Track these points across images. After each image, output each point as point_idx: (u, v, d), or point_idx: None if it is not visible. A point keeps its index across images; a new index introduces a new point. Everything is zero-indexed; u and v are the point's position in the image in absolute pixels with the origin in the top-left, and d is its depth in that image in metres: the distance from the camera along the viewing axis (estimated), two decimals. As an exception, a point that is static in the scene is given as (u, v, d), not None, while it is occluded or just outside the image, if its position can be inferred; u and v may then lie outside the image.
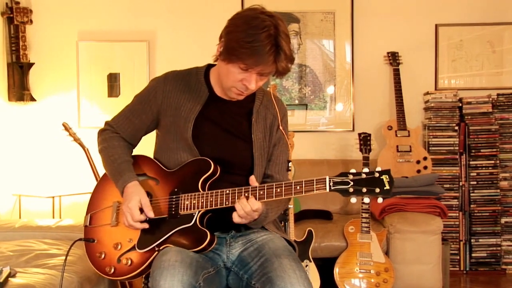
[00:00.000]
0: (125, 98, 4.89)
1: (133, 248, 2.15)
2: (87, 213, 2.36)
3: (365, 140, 4.22)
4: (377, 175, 1.89)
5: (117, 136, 2.32)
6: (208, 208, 2.06)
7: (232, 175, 2.17)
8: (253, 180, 2.04)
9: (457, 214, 4.73)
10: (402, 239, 4.04)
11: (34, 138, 4.82)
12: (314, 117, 5.03)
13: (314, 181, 1.91)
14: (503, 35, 4.96)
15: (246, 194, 2.00)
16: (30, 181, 4.65)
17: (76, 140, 4.18)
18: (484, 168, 4.73)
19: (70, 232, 3.51)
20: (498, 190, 4.72)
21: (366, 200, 1.92)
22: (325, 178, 1.90)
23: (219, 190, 2.05)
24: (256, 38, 1.97)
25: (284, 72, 2.07)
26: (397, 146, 4.59)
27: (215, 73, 2.24)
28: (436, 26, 4.98)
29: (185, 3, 5.00)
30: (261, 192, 1.98)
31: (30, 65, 4.77)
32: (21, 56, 4.68)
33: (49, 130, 4.78)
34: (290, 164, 2.32)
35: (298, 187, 1.94)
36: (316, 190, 1.91)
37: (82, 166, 4.29)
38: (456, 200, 4.73)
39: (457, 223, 4.73)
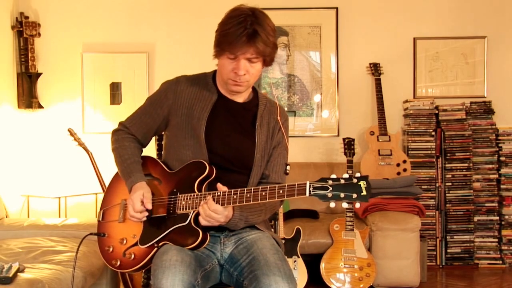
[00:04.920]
0: (127, 105, 4.89)
1: (136, 244, 2.16)
2: (100, 209, 2.37)
3: (349, 145, 4.23)
4: (355, 181, 1.82)
5: (129, 136, 2.31)
6: None
7: (234, 173, 2.17)
8: (220, 186, 2.02)
9: (434, 213, 4.74)
10: (384, 236, 4.06)
11: (42, 143, 4.81)
12: (301, 123, 5.03)
13: (296, 186, 1.89)
14: (475, 48, 4.99)
15: (228, 198, 1.99)
16: (38, 183, 4.62)
17: (81, 144, 4.17)
18: (458, 171, 4.75)
19: (75, 230, 3.50)
20: (471, 191, 4.74)
21: (345, 205, 1.87)
22: (306, 183, 1.87)
23: (211, 192, 2.03)
24: (231, 25, 2.02)
25: (265, 55, 2.07)
26: (379, 150, 4.60)
27: (218, 75, 2.25)
28: (414, 39, 5.01)
29: (182, 17, 5.00)
30: (248, 195, 1.96)
31: (38, 75, 4.75)
32: (29, 67, 4.67)
33: (55, 135, 4.77)
34: (288, 167, 2.31)
35: (281, 191, 1.91)
36: (297, 194, 1.88)
37: (86, 168, 4.28)
38: (433, 200, 4.74)
39: (433, 221, 4.74)
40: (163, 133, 2.39)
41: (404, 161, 4.56)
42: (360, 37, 5.03)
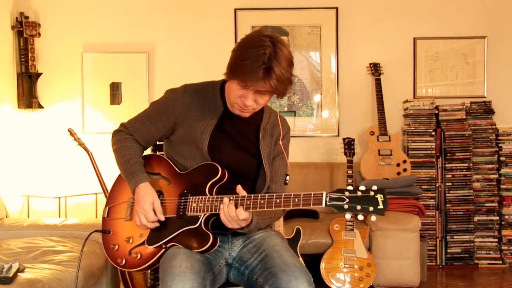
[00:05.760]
0: (127, 105, 4.89)
1: (143, 243, 2.14)
2: (106, 205, 2.34)
3: (349, 145, 4.24)
4: (372, 193, 1.83)
5: (130, 137, 2.28)
6: (213, 212, 2.04)
7: (238, 184, 2.13)
8: (240, 189, 2.02)
9: (434, 213, 4.74)
10: (384, 236, 4.06)
11: (42, 143, 4.81)
12: (302, 123, 5.03)
13: (312, 196, 1.89)
14: (475, 47, 4.99)
15: (242, 203, 1.99)
16: (38, 183, 4.62)
17: (81, 144, 4.17)
18: (458, 171, 4.75)
19: (75, 230, 3.51)
20: (471, 191, 4.74)
21: (360, 217, 1.87)
22: (322, 194, 1.87)
23: (224, 196, 2.02)
24: (248, 57, 1.94)
25: (278, 91, 2.01)
26: (379, 150, 4.60)
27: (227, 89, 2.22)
28: (414, 39, 5.01)
29: (182, 17, 5.00)
30: (262, 202, 1.96)
31: (38, 75, 4.75)
32: (29, 67, 4.67)
33: (55, 135, 4.77)
34: (287, 177, 2.31)
35: (296, 200, 1.91)
36: (312, 204, 1.89)
37: (86, 168, 4.28)
38: (433, 200, 4.74)
39: (433, 221, 4.74)
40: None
41: (404, 161, 4.56)
42: (360, 37, 5.03)
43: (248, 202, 1.98)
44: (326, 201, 1.86)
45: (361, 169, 4.56)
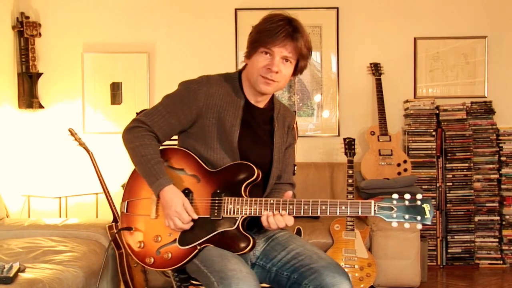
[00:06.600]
0: (127, 105, 4.89)
1: (173, 242, 2.09)
2: (123, 200, 2.25)
3: (349, 145, 4.23)
4: (419, 203, 1.90)
5: (149, 134, 2.15)
6: (252, 215, 2.03)
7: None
8: (288, 195, 2.03)
9: (435, 213, 4.74)
10: (384, 236, 4.05)
11: (42, 143, 4.81)
12: (302, 123, 5.03)
13: (360, 204, 1.93)
14: (475, 47, 4.99)
15: (284, 207, 1.99)
16: (39, 183, 4.63)
17: (81, 144, 4.17)
18: (459, 171, 4.75)
19: (76, 230, 3.51)
20: (472, 191, 4.74)
21: (407, 225, 1.91)
22: (371, 203, 1.91)
23: (263, 199, 2.01)
24: (271, 23, 2.08)
25: (302, 55, 2.10)
26: (379, 150, 4.60)
27: (245, 79, 2.20)
28: (415, 39, 5.01)
29: (182, 17, 5.00)
30: (306, 207, 1.96)
31: (39, 75, 4.76)
32: (30, 67, 4.68)
33: (56, 135, 4.77)
34: (295, 168, 2.33)
35: (343, 207, 1.94)
36: (361, 212, 1.93)
37: (87, 169, 4.28)
38: (433, 200, 4.74)
39: (434, 221, 4.74)
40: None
41: (405, 161, 4.56)
42: (360, 37, 5.03)
43: (291, 207, 1.98)
44: (374, 210, 1.92)
45: (362, 169, 4.56)
